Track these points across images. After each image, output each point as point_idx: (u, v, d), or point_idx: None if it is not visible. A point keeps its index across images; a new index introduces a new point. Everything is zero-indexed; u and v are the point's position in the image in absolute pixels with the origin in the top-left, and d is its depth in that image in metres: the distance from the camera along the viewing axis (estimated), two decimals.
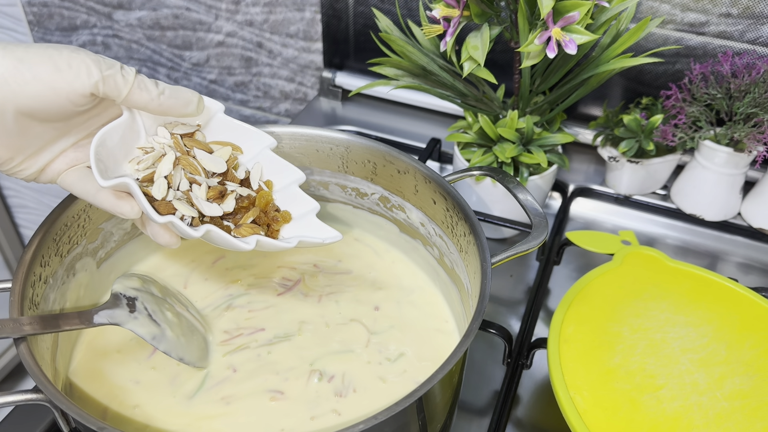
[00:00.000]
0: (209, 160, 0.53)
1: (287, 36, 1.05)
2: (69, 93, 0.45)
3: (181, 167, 0.52)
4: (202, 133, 0.55)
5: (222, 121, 0.56)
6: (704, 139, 0.75)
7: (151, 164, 0.51)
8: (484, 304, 0.48)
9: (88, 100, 0.46)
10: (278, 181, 0.58)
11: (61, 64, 0.44)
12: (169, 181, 0.51)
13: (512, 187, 0.61)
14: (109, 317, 0.52)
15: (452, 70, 0.74)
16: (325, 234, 0.56)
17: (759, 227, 0.79)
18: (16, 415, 0.60)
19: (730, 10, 0.77)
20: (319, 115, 0.99)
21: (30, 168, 0.49)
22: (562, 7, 0.60)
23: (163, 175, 0.51)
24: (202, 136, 0.55)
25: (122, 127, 0.50)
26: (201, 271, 0.66)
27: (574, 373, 0.55)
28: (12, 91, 0.43)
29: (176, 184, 0.51)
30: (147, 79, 0.48)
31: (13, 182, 1.50)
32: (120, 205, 0.48)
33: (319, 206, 0.57)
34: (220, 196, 0.53)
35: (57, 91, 0.44)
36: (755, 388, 0.54)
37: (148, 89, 0.48)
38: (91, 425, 0.42)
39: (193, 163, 0.52)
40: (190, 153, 0.53)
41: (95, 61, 0.45)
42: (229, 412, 0.54)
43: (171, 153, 0.52)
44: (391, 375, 0.57)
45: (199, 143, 0.54)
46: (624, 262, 0.65)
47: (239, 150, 0.57)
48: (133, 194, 0.48)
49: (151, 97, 0.48)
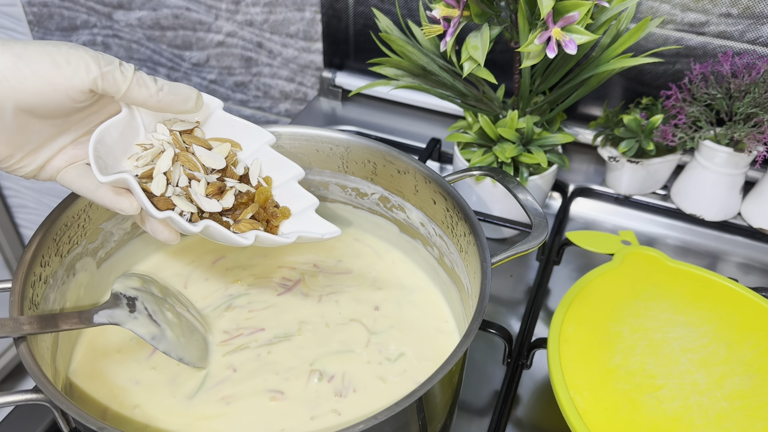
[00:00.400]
0: (208, 157, 0.54)
1: (287, 36, 1.05)
2: (68, 89, 0.45)
3: (180, 163, 0.52)
4: (201, 130, 0.55)
5: (221, 117, 0.56)
6: (704, 139, 0.75)
7: (150, 161, 0.51)
8: (484, 304, 0.48)
9: (87, 96, 0.46)
10: (277, 177, 0.58)
11: (60, 60, 0.44)
12: (168, 178, 0.51)
13: (512, 187, 0.61)
14: (109, 317, 0.52)
15: (452, 70, 0.74)
16: (324, 229, 0.56)
17: (759, 227, 0.79)
18: (16, 415, 0.60)
19: (730, 10, 0.77)
20: (319, 115, 0.99)
21: (29, 165, 0.49)
22: (562, 7, 0.60)
23: (162, 172, 0.51)
24: (201, 132, 0.55)
25: (121, 124, 0.50)
26: (201, 271, 0.66)
27: (574, 373, 0.55)
28: (11, 87, 0.43)
29: (175, 180, 0.52)
30: (146, 76, 0.48)
31: (13, 182, 1.50)
32: (119, 201, 0.49)
33: (318, 202, 0.57)
34: (219, 192, 0.53)
35: (56, 87, 0.44)
36: (755, 388, 0.54)
37: (147, 86, 0.48)
38: (91, 425, 0.42)
39: (192, 159, 0.52)
40: (189, 149, 0.53)
41: (94, 57, 0.45)
42: (229, 412, 0.54)
43: (170, 149, 0.52)
44: (391, 375, 0.57)
45: (198, 140, 0.54)
46: (624, 262, 0.65)
47: (238, 146, 0.57)
48: (132, 190, 0.48)
49: (150, 93, 0.48)
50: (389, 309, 0.63)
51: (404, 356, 0.58)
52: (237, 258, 0.67)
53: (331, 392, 0.55)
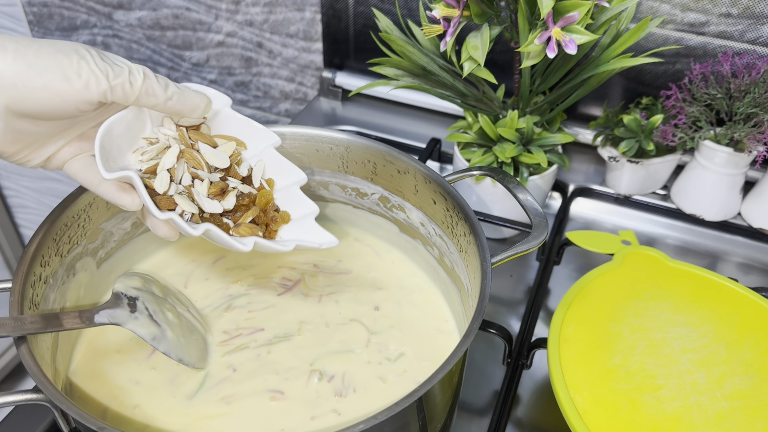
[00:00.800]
0: (213, 155, 0.54)
1: (287, 36, 1.05)
2: (77, 102, 0.45)
3: (185, 161, 0.52)
4: (208, 126, 0.55)
5: (228, 115, 0.56)
6: (704, 139, 0.75)
7: (155, 155, 0.52)
8: (484, 304, 0.48)
9: (96, 105, 0.47)
10: (280, 180, 0.58)
11: (71, 74, 0.44)
12: (172, 175, 0.51)
13: (512, 187, 0.61)
14: (110, 317, 0.52)
15: (452, 70, 0.74)
16: (322, 239, 0.56)
17: (759, 227, 0.79)
18: (16, 415, 0.60)
19: (730, 10, 0.77)
20: (319, 115, 0.99)
21: (36, 159, 0.49)
22: (562, 7, 0.60)
23: (166, 168, 0.51)
24: (207, 128, 0.55)
25: (128, 118, 0.50)
26: (201, 270, 0.66)
27: (574, 373, 0.55)
28: (20, 96, 0.44)
29: (179, 177, 0.52)
30: (155, 84, 0.48)
31: (13, 182, 1.50)
32: (121, 197, 0.49)
33: (318, 210, 0.57)
34: (221, 193, 0.53)
35: (65, 99, 0.45)
36: (755, 388, 0.54)
37: (155, 95, 0.48)
38: (91, 425, 0.42)
39: (196, 157, 0.53)
40: (194, 146, 0.53)
41: (104, 71, 0.46)
42: (229, 412, 0.54)
43: (175, 146, 0.52)
44: (391, 375, 0.57)
45: (203, 137, 0.54)
46: (624, 262, 0.65)
47: (243, 146, 0.57)
48: (135, 187, 0.49)
49: (158, 102, 0.48)
50: (389, 309, 0.63)
51: (404, 356, 0.58)
52: (237, 258, 0.67)
53: (331, 392, 0.55)
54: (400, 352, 0.59)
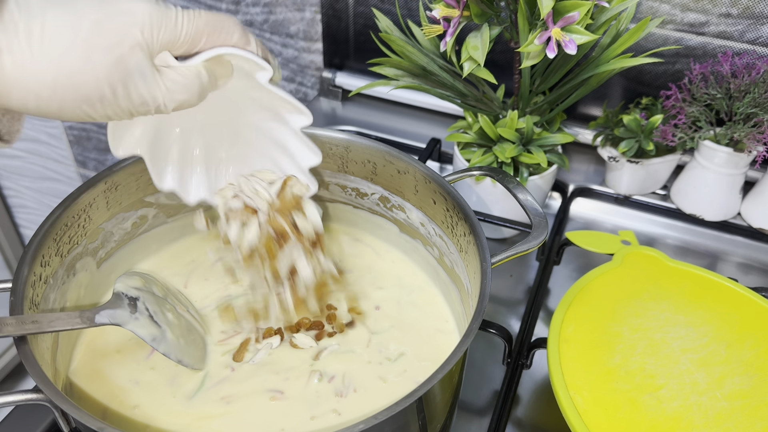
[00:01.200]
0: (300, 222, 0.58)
1: (287, 36, 1.05)
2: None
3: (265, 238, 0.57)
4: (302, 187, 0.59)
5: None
6: (704, 139, 0.75)
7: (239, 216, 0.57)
8: (484, 304, 0.48)
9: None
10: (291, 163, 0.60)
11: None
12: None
13: (512, 187, 0.61)
14: (111, 317, 0.52)
15: (452, 70, 0.74)
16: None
17: (759, 227, 0.79)
18: (16, 415, 0.60)
19: (730, 10, 0.77)
20: (319, 115, 0.99)
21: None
22: (562, 7, 0.60)
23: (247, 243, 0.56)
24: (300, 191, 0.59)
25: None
26: (201, 270, 0.66)
27: (574, 373, 0.55)
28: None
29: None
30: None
31: (13, 182, 1.50)
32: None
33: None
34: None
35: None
36: (755, 388, 0.54)
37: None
38: (91, 425, 0.42)
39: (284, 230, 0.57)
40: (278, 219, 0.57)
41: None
42: (229, 411, 0.54)
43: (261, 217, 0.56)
44: (391, 375, 0.57)
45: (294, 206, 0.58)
46: (624, 262, 0.65)
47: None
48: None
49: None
50: (389, 309, 0.63)
51: (404, 356, 0.59)
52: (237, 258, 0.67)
53: (331, 392, 0.55)
54: (400, 351, 0.59)
